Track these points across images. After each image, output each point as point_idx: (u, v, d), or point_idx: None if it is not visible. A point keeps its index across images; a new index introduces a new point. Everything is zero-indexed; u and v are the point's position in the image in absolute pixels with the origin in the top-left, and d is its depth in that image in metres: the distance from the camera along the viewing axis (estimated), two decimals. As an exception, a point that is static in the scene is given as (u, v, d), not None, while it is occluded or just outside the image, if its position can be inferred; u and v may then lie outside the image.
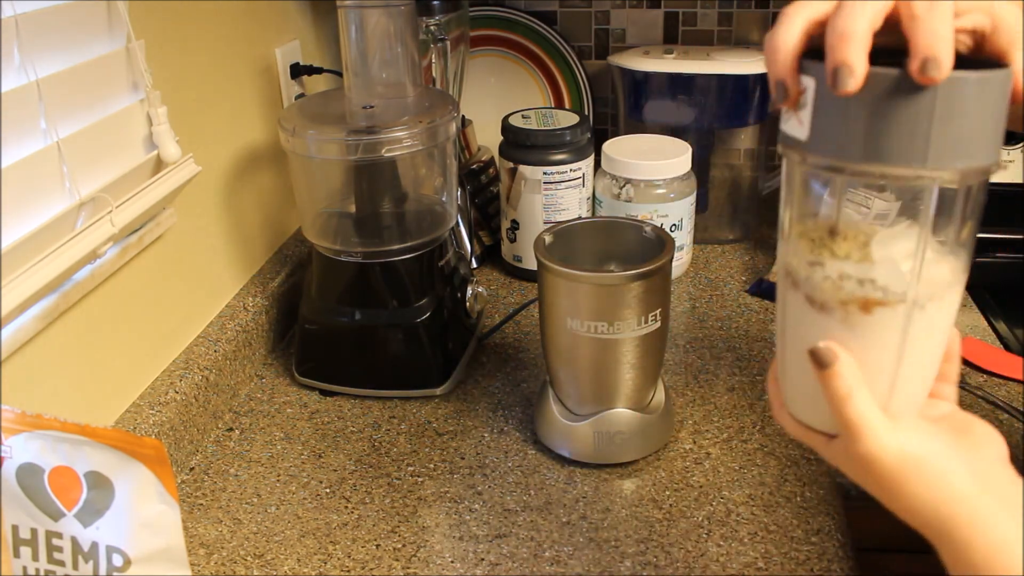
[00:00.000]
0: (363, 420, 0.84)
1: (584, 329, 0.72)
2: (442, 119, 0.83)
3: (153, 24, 0.75)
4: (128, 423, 0.73)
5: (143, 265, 0.76)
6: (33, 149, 0.60)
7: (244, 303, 0.91)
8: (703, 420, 0.82)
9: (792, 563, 0.66)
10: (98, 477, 0.53)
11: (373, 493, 0.75)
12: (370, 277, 0.85)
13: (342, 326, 0.86)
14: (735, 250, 1.17)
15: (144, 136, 0.73)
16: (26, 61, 0.59)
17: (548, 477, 0.76)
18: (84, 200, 0.64)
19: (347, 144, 0.81)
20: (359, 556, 0.68)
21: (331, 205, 0.91)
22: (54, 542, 0.52)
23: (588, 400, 0.76)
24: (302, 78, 1.04)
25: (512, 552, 0.68)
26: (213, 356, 0.83)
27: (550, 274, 0.72)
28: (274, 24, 0.99)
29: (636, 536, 0.69)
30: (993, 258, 1.14)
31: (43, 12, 0.61)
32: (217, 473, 0.78)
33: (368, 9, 0.83)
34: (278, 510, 0.73)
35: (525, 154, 1.02)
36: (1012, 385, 0.86)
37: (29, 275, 0.59)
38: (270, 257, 1.00)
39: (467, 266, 0.96)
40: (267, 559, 0.68)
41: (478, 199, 1.13)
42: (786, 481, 0.74)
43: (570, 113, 1.06)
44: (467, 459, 0.78)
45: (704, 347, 0.94)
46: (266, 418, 0.85)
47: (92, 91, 0.67)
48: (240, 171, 0.92)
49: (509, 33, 1.23)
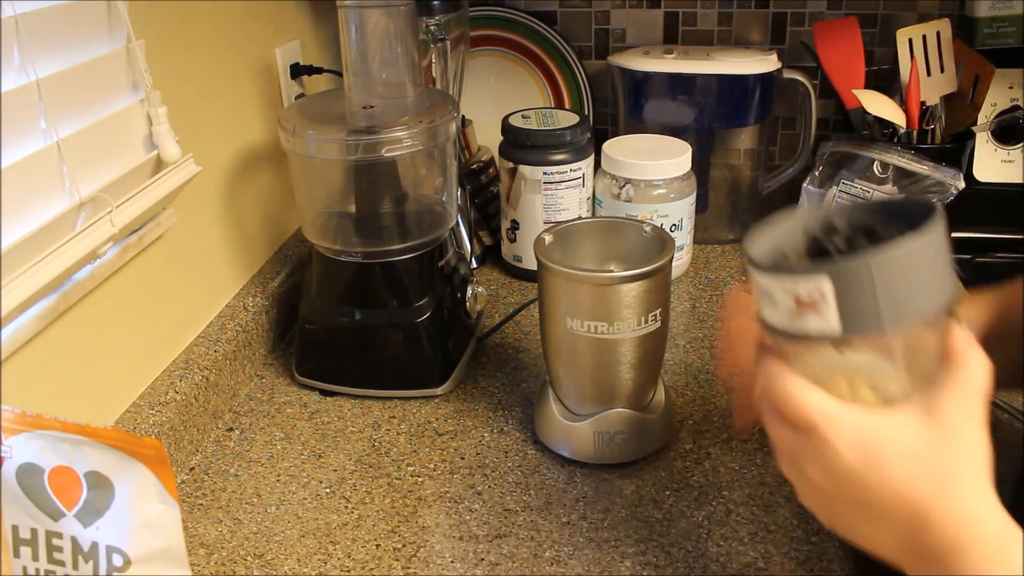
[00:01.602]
0: (363, 420, 0.85)
1: (584, 329, 0.72)
2: (442, 119, 0.83)
3: (153, 24, 0.75)
4: (128, 423, 0.73)
5: (143, 265, 0.76)
6: (33, 149, 0.60)
7: (244, 303, 0.91)
8: (703, 420, 0.82)
9: (792, 563, 0.66)
10: (98, 477, 0.53)
11: (373, 493, 0.75)
12: (370, 277, 0.85)
13: (342, 326, 0.86)
14: (735, 250, 1.17)
15: (144, 136, 0.73)
16: (26, 61, 0.59)
17: (548, 477, 0.76)
18: (84, 200, 0.64)
19: (347, 144, 0.81)
20: (359, 556, 0.68)
21: (331, 205, 0.91)
22: (54, 542, 0.52)
23: (588, 400, 0.76)
24: (302, 78, 1.04)
25: (512, 552, 0.68)
26: (213, 356, 0.83)
27: (550, 274, 0.72)
28: (274, 24, 0.99)
29: (636, 536, 0.69)
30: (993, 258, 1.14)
31: (43, 12, 0.61)
32: (217, 473, 0.78)
33: (368, 9, 0.83)
34: (278, 510, 0.73)
35: (525, 154, 1.02)
36: (1012, 385, 0.86)
37: (29, 275, 0.59)
38: (270, 257, 1.00)
39: (467, 266, 0.96)
40: (267, 559, 0.68)
41: (478, 199, 1.13)
42: (786, 481, 0.74)
43: (570, 113, 1.06)
44: (467, 459, 0.78)
45: (704, 347, 0.94)
46: (266, 418, 0.85)
47: (92, 91, 0.67)
48: (240, 171, 0.92)
49: (509, 33, 1.23)
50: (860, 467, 0.44)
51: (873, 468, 0.43)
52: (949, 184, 0.99)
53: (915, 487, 0.43)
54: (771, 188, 1.19)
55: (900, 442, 0.43)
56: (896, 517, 0.44)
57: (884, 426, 0.44)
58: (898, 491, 0.43)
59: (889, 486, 0.43)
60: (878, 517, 0.44)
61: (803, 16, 1.21)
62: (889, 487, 0.43)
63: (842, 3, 1.19)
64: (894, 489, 0.43)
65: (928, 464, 0.43)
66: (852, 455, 0.44)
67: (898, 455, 0.43)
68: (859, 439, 0.44)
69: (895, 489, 0.43)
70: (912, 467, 0.43)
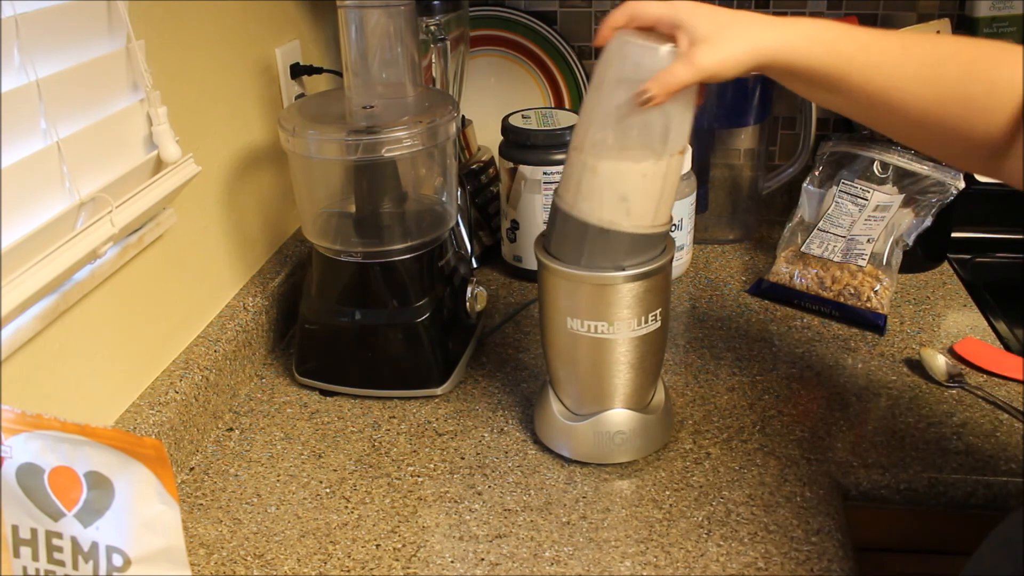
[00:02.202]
0: (363, 420, 0.85)
1: (584, 329, 0.72)
2: (442, 119, 0.83)
3: (153, 24, 0.75)
4: (128, 423, 0.73)
5: (143, 265, 0.76)
6: (33, 149, 0.60)
7: (244, 303, 0.91)
8: (703, 420, 0.82)
9: (792, 563, 0.66)
10: (98, 477, 0.53)
11: (373, 493, 0.75)
12: (370, 277, 0.85)
13: (342, 326, 0.86)
14: (735, 250, 1.17)
15: (144, 136, 0.73)
16: (26, 61, 0.59)
17: (548, 477, 0.76)
18: (84, 200, 0.64)
19: (347, 144, 0.81)
20: (359, 556, 0.68)
21: (331, 205, 0.91)
22: (54, 542, 0.52)
23: (588, 400, 0.76)
24: (302, 78, 1.04)
25: (512, 552, 0.68)
26: (213, 356, 0.83)
27: (550, 274, 0.72)
28: (274, 24, 0.99)
29: (636, 536, 0.69)
30: (993, 258, 1.14)
31: (43, 12, 0.61)
32: (217, 473, 0.78)
33: (368, 9, 0.83)
34: (278, 510, 0.73)
35: (525, 154, 1.03)
36: (1012, 385, 0.86)
37: (29, 275, 0.59)
38: (270, 257, 1.00)
39: (467, 266, 0.96)
40: (267, 559, 0.68)
41: (478, 199, 1.13)
42: (786, 481, 0.74)
43: (570, 113, 1.06)
44: (467, 459, 0.78)
45: (704, 347, 0.94)
46: (266, 418, 0.85)
47: (92, 91, 0.67)
48: (240, 171, 0.92)
49: (509, 33, 1.23)
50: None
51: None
52: (949, 184, 0.99)
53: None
54: (771, 188, 1.19)
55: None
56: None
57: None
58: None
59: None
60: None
61: (803, 16, 1.21)
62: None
63: (842, 3, 1.19)
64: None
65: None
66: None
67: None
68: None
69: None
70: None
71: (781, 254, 1.05)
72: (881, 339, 0.95)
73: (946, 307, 1.01)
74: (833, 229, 1.02)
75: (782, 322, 0.99)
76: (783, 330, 0.97)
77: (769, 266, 1.06)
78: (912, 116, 0.59)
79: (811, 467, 0.75)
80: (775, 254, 1.06)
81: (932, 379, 0.87)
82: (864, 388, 0.86)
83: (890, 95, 0.59)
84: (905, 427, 0.80)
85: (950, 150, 0.62)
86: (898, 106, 0.59)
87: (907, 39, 0.59)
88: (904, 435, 0.79)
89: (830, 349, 0.93)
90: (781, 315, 1.00)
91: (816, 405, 0.84)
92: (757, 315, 1.01)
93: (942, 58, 0.58)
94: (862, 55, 0.59)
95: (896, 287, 1.03)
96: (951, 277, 1.08)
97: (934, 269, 1.10)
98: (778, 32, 0.60)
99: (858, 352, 0.93)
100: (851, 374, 0.89)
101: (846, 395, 0.85)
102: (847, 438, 0.79)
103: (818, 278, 1.00)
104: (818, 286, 1.00)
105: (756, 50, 0.60)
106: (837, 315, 0.98)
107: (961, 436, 0.79)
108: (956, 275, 1.08)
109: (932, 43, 0.59)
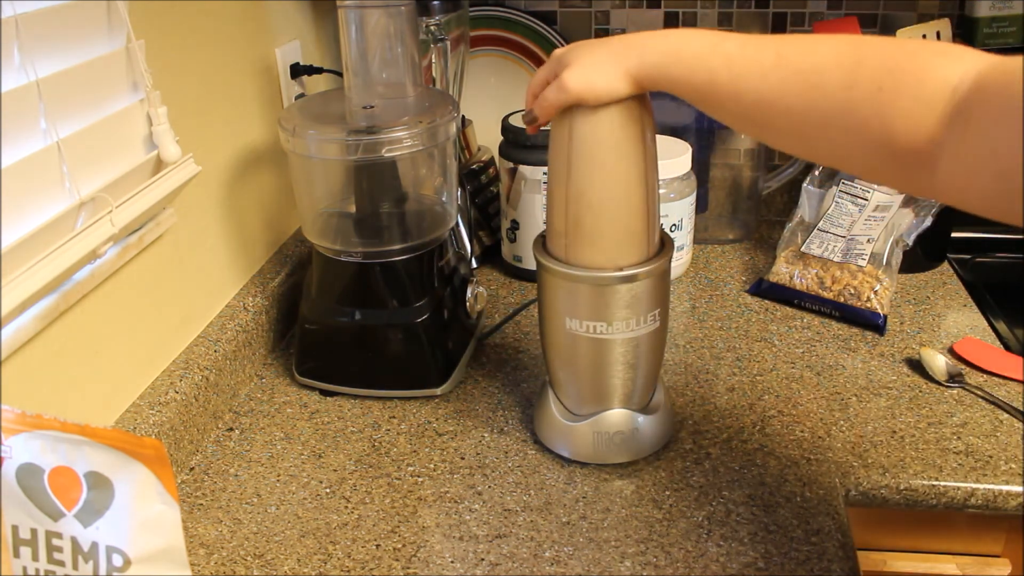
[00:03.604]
0: (363, 420, 0.85)
1: (583, 329, 0.72)
2: (442, 119, 0.83)
3: (153, 24, 0.75)
4: (128, 423, 0.73)
5: (143, 265, 0.76)
6: (33, 149, 0.60)
7: (244, 303, 0.91)
8: (703, 420, 0.82)
9: (792, 563, 0.66)
10: (98, 477, 0.53)
11: (373, 493, 0.75)
12: (370, 277, 0.85)
13: (342, 326, 0.86)
14: (735, 250, 1.17)
15: (144, 136, 0.73)
16: (26, 61, 0.59)
17: (548, 477, 0.76)
18: (84, 200, 0.64)
19: (347, 144, 0.81)
20: (359, 556, 0.68)
21: (331, 205, 0.91)
22: (54, 542, 0.52)
23: (588, 400, 0.76)
24: (302, 78, 1.04)
25: (512, 552, 0.68)
26: (213, 356, 0.83)
27: (549, 274, 0.72)
28: (274, 24, 0.99)
29: (636, 536, 0.69)
30: (993, 258, 1.14)
31: (43, 12, 0.61)
32: (217, 473, 0.78)
33: (368, 9, 0.83)
34: (278, 510, 0.73)
35: (525, 154, 1.03)
36: (1012, 385, 0.86)
37: (29, 275, 0.59)
38: (270, 257, 1.00)
39: (467, 266, 0.96)
40: (267, 559, 0.68)
41: (478, 199, 1.13)
42: (786, 481, 0.74)
43: (570, 113, 1.06)
44: (467, 459, 0.78)
45: (704, 347, 0.94)
46: (266, 418, 0.85)
47: (92, 91, 0.67)
48: (240, 171, 0.92)
49: (509, 33, 1.23)
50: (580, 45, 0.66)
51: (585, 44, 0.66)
52: (949, 184, 0.99)
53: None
54: (771, 188, 1.19)
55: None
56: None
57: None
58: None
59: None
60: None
61: (803, 16, 1.21)
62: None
63: (842, 3, 1.19)
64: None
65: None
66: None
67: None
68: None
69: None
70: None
71: (781, 254, 1.05)
72: (881, 339, 0.95)
73: (946, 307, 1.01)
74: (833, 229, 1.02)
75: (782, 322, 0.99)
76: (783, 330, 0.97)
77: (769, 266, 1.06)
78: (795, 127, 0.54)
79: (811, 467, 0.75)
80: (775, 254, 1.06)
81: (932, 379, 0.87)
82: (864, 388, 0.86)
83: (762, 109, 0.55)
84: (905, 427, 0.80)
85: (862, 163, 0.54)
86: (776, 118, 0.55)
87: (786, 47, 0.55)
88: (904, 435, 0.79)
89: (830, 349, 0.93)
90: (781, 315, 1.00)
91: (816, 405, 0.84)
92: (757, 315, 1.01)
93: (825, 64, 0.52)
94: (726, 69, 0.56)
95: (896, 287, 1.03)
96: (951, 277, 1.08)
97: (934, 269, 1.10)
98: (640, 53, 0.61)
99: (858, 352, 0.93)
100: (851, 374, 0.89)
101: (846, 395, 0.85)
102: (847, 438, 0.79)
103: (818, 278, 1.00)
104: (818, 286, 1.00)
105: (626, 72, 0.62)
106: (837, 315, 0.98)
107: (961, 436, 0.79)
108: (956, 275, 1.08)
109: (812, 48, 0.54)
